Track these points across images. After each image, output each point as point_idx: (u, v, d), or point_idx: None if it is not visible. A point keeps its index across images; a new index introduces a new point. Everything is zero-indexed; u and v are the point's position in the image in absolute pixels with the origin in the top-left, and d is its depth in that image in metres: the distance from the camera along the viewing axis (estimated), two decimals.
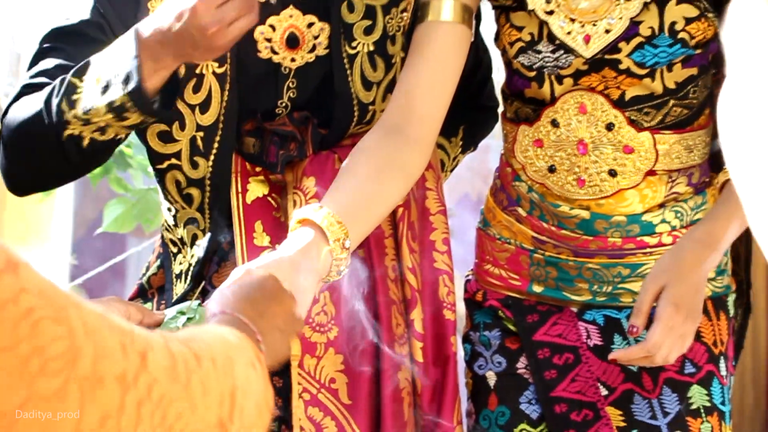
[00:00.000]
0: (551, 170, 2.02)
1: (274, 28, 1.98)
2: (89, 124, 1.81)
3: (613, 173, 1.98)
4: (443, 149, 2.20)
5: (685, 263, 1.91)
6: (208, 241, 2.00)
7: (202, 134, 1.98)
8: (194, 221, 2.03)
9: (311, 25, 2.00)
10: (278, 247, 1.67)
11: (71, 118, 1.82)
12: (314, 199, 1.89)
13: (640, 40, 1.92)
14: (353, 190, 1.76)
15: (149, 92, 1.77)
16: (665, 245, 2.00)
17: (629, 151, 1.97)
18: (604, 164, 1.98)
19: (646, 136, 1.96)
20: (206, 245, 2.00)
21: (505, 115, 2.10)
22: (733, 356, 2.08)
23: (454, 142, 2.21)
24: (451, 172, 2.26)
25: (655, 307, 1.90)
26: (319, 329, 1.92)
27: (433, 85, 1.90)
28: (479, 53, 2.14)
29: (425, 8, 1.93)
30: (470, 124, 2.22)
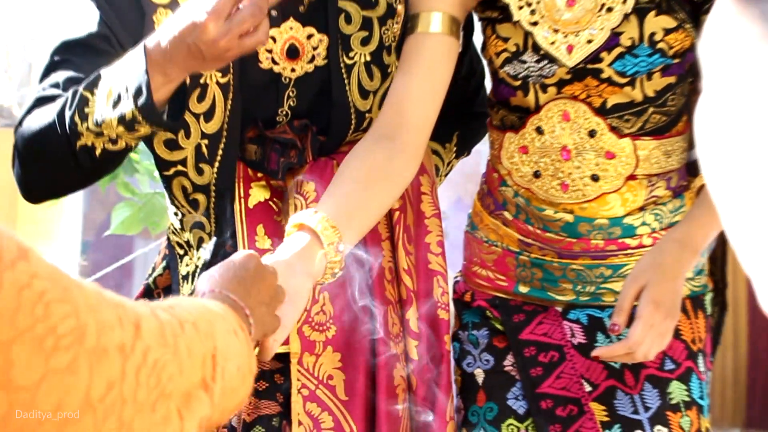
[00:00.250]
0: (536, 175, 2.01)
1: (274, 39, 1.98)
2: (101, 135, 1.81)
3: (595, 178, 1.98)
4: (438, 155, 2.19)
5: (664, 264, 1.90)
6: (214, 244, 2.00)
7: (206, 142, 1.98)
8: (200, 225, 2.03)
9: (310, 36, 2.00)
10: (276, 250, 1.67)
11: (84, 130, 1.82)
12: (314, 203, 1.89)
13: (621, 50, 1.92)
14: (347, 195, 1.76)
15: (158, 105, 1.76)
16: (645, 246, 2.00)
17: (611, 156, 1.97)
18: (586, 169, 1.98)
19: (626, 142, 1.97)
20: (212, 248, 2.00)
21: (491, 122, 2.09)
22: (710, 352, 2.09)
23: (448, 147, 2.22)
24: (445, 176, 2.27)
25: (635, 305, 1.90)
26: (318, 328, 1.93)
27: (423, 94, 1.91)
28: (473, 63, 2.15)
29: (415, 20, 1.93)
30: (464, 130, 2.23)
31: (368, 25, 2.02)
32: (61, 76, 1.95)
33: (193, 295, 1.97)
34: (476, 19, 2.05)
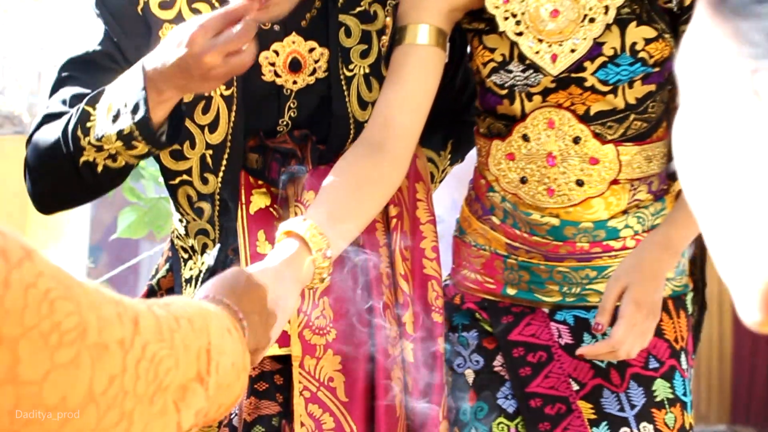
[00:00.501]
0: (523, 181, 2.02)
1: (277, 53, 1.99)
2: (102, 150, 1.82)
3: (580, 183, 1.99)
4: (433, 162, 2.20)
5: (645, 265, 1.91)
6: (218, 251, 2.01)
7: (211, 152, 1.99)
8: (205, 232, 2.04)
9: (312, 50, 2.01)
10: (266, 256, 1.69)
11: (86, 144, 1.83)
12: None
13: (603, 59, 1.92)
14: (335, 202, 1.76)
15: (155, 122, 1.77)
16: (629, 248, 2.01)
17: (595, 162, 1.98)
18: (571, 175, 1.99)
19: (609, 148, 1.97)
20: (216, 254, 2.01)
21: (478, 130, 2.09)
22: (692, 350, 2.09)
23: (443, 155, 2.22)
24: (440, 182, 2.26)
25: (618, 305, 1.91)
26: (318, 332, 1.94)
27: (410, 104, 1.91)
28: (467, 74, 2.15)
29: (403, 32, 1.94)
30: (458, 138, 2.23)
31: (367, 38, 2.03)
32: (68, 92, 1.96)
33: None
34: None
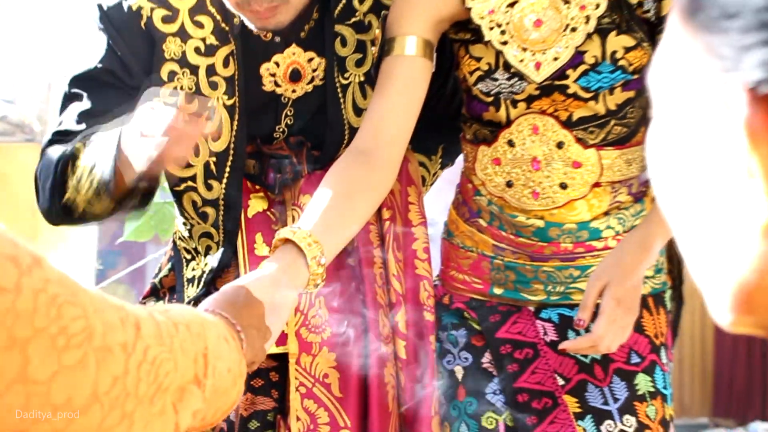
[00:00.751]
0: (509, 185, 2.04)
1: (278, 64, 2.02)
2: (79, 193, 1.85)
3: (563, 186, 2.01)
4: (424, 166, 2.22)
5: (625, 264, 1.93)
6: (222, 252, 2.04)
7: (214, 159, 2.01)
8: (209, 235, 2.06)
9: (311, 60, 2.03)
10: (264, 263, 1.69)
11: (69, 184, 1.87)
12: None
13: (585, 67, 1.94)
14: (328, 210, 1.77)
15: (119, 188, 1.79)
16: (610, 248, 2.02)
17: (577, 166, 2.00)
18: (555, 178, 2.01)
19: (592, 152, 1.99)
20: (220, 256, 2.04)
21: (464, 137, 2.11)
22: (671, 345, 2.11)
23: (434, 159, 2.24)
24: (431, 185, 2.28)
25: (599, 302, 1.93)
26: (314, 330, 1.96)
27: (398, 112, 1.92)
28: (456, 81, 2.15)
29: (391, 43, 1.95)
30: (448, 143, 2.24)
31: (362, 47, 2.05)
32: (75, 109, 1.99)
33: (201, 301, 2.05)
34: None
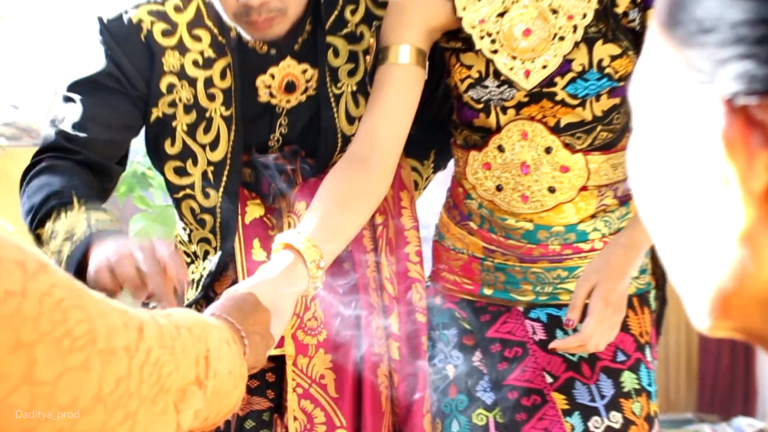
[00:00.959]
0: (498, 189, 2.05)
1: (273, 76, 2.04)
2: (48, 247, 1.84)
3: (552, 190, 2.03)
4: (417, 171, 2.23)
5: (612, 265, 1.94)
6: (219, 257, 2.05)
7: (212, 169, 2.03)
8: (207, 240, 2.08)
9: (305, 71, 2.05)
10: (263, 267, 1.70)
11: (42, 233, 1.86)
12: None
13: (572, 75, 1.95)
14: (327, 215, 1.78)
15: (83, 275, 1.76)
16: (597, 250, 2.04)
17: (565, 170, 2.02)
18: (544, 182, 2.02)
19: (579, 157, 2.01)
20: (217, 261, 2.06)
21: (455, 142, 2.13)
22: (655, 343, 2.12)
23: (426, 164, 2.26)
24: (424, 189, 2.30)
25: (587, 302, 1.94)
26: (310, 333, 1.98)
27: (393, 119, 1.94)
28: (447, 87, 2.16)
29: (386, 52, 1.97)
30: (440, 148, 2.26)
31: (354, 58, 2.07)
32: (66, 120, 2.00)
33: (199, 303, 2.02)
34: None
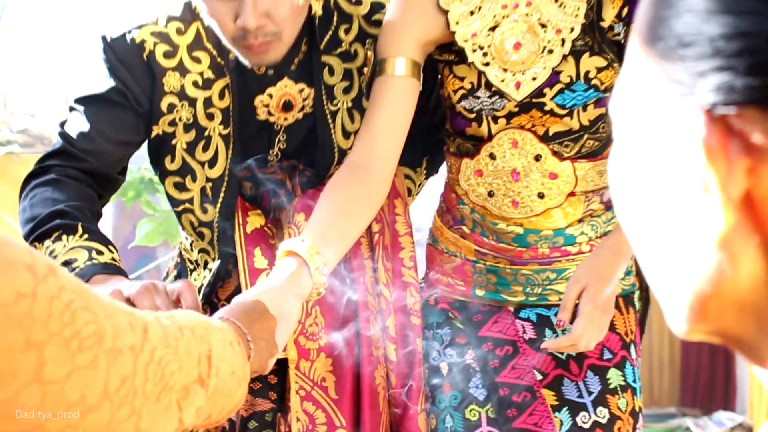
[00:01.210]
0: (490, 195, 2.08)
1: (271, 96, 2.07)
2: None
3: (541, 195, 2.05)
4: (410, 179, 2.25)
5: (600, 267, 1.97)
6: (217, 268, 2.09)
7: (210, 185, 2.05)
8: (206, 251, 2.12)
9: (302, 90, 2.08)
10: (269, 274, 1.74)
11: (39, 247, 1.88)
12: None
13: (561, 86, 1.98)
14: (329, 222, 1.81)
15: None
16: (584, 252, 2.08)
17: (554, 177, 2.04)
18: (533, 188, 2.05)
19: (567, 164, 2.04)
20: (215, 271, 2.09)
21: (448, 149, 2.15)
22: (639, 342, 2.15)
23: (419, 171, 2.28)
24: (417, 195, 2.32)
25: (577, 304, 1.97)
26: (311, 338, 2.01)
27: (391, 128, 1.97)
28: (439, 97, 2.19)
29: (382, 64, 2.00)
30: (432, 155, 2.29)
31: (349, 76, 2.10)
32: (74, 129, 2.03)
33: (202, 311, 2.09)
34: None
